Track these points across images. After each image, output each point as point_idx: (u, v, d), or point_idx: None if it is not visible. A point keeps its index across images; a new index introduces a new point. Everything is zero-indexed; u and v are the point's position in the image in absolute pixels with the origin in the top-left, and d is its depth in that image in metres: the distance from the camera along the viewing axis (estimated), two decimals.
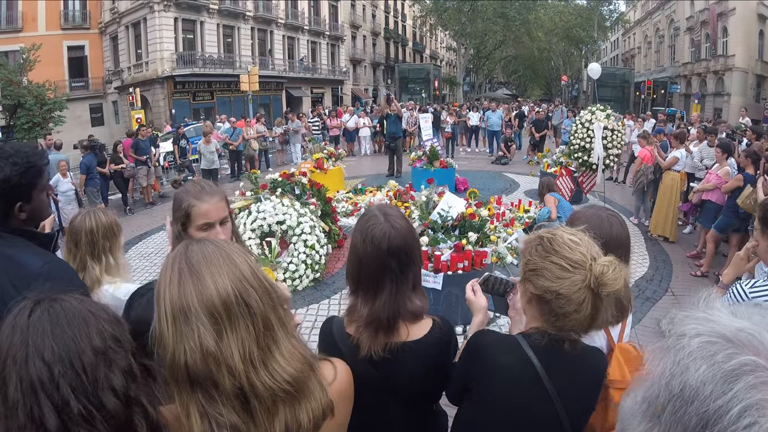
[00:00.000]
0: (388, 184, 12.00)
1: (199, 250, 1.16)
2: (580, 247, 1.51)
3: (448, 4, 43.17)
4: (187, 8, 30.63)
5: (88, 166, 11.36)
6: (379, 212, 1.76)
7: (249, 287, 1.14)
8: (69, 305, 1.05)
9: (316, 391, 1.21)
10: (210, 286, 1.10)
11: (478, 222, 6.18)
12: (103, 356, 1.02)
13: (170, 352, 1.08)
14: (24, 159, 1.84)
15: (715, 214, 7.58)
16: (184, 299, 1.08)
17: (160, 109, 30.14)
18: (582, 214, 2.13)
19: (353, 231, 1.78)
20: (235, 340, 1.10)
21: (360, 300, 1.74)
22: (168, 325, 1.09)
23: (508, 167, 17.06)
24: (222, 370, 1.08)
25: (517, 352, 1.57)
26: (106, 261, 2.65)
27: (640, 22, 54.67)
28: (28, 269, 1.78)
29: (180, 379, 1.09)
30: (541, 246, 1.56)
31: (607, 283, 1.44)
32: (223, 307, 1.09)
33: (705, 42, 38.87)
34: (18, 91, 22.09)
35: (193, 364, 1.07)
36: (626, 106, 31.66)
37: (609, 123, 10.57)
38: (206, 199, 2.03)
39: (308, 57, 42.06)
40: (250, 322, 1.12)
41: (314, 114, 22.62)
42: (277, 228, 7.16)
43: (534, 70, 65.88)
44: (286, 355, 1.17)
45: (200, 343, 1.07)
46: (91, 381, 0.98)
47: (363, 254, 1.71)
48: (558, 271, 1.49)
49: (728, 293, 2.43)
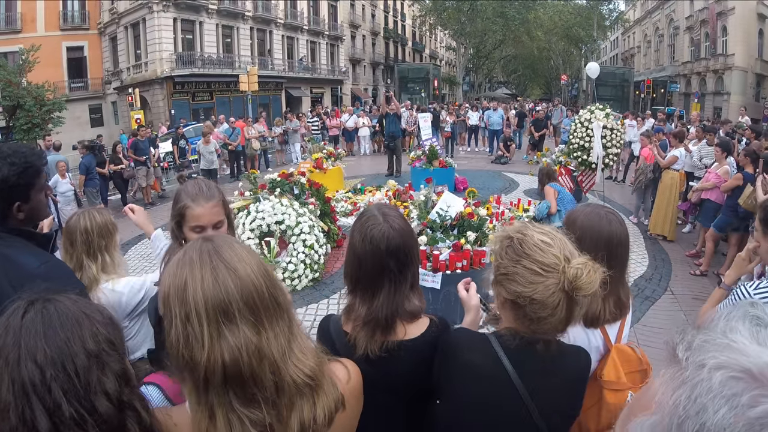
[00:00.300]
0: (388, 183, 12.00)
1: (227, 245, 1.15)
2: (552, 249, 1.45)
3: (447, 4, 43.18)
4: (186, 8, 30.64)
5: (87, 167, 11.37)
6: (377, 212, 1.76)
7: (275, 283, 1.15)
8: (63, 306, 1.03)
9: (328, 386, 1.22)
10: (247, 280, 1.09)
11: (476, 221, 6.17)
12: (96, 359, 1.00)
13: (206, 352, 1.05)
14: (22, 159, 1.85)
15: (714, 213, 7.57)
16: (223, 295, 1.06)
17: (160, 110, 30.16)
18: (580, 212, 2.10)
19: (351, 230, 1.78)
20: (272, 334, 1.11)
21: (358, 299, 1.74)
22: (203, 324, 1.05)
23: (508, 167, 17.05)
24: (264, 366, 1.08)
25: (487, 351, 1.53)
26: (102, 259, 2.67)
27: (640, 21, 54.69)
28: (25, 269, 1.79)
29: (214, 381, 1.06)
30: (512, 248, 1.50)
31: (581, 286, 1.39)
32: (261, 301, 1.10)
33: (705, 41, 38.91)
34: (17, 92, 22.11)
35: (233, 362, 1.05)
36: (626, 105, 31.64)
37: (608, 122, 10.55)
38: (201, 203, 2.06)
39: (307, 57, 42.09)
40: (280, 317, 1.14)
41: (313, 114, 22.64)
42: (276, 228, 7.16)
43: (534, 69, 65.94)
44: (303, 350, 1.18)
45: (244, 338, 1.06)
46: (83, 384, 0.97)
47: (362, 254, 1.70)
48: (530, 276, 1.44)
49: (732, 295, 2.41)
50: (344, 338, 1.73)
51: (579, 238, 1.91)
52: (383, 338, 1.68)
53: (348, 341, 1.71)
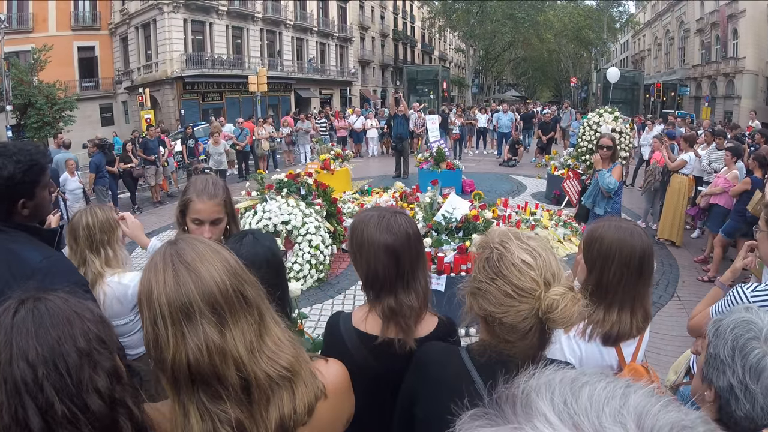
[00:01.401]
0: (395, 185, 11.99)
1: (190, 248, 1.16)
2: (531, 271, 1.34)
3: (457, 6, 43.08)
4: (196, 9, 30.82)
5: (97, 165, 11.45)
6: (390, 212, 1.81)
7: (242, 279, 1.16)
8: (53, 305, 1.05)
9: (306, 376, 1.23)
10: (209, 280, 1.10)
11: (482, 224, 6.17)
12: (87, 357, 1.01)
13: (171, 353, 1.07)
14: (27, 157, 1.90)
15: (722, 218, 7.52)
16: (184, 297, 1.08)
17: (170, 110, 30.36)
18: (606, 228, 2.00)
19: (364, 228, 1.78)
20: (238, 332, 1.11)
21: (372, 296, 1.78)
22: (167, 325, 1.08)
23: (516, 169, 17.02)
24: (228, 363, 1.09)
25: (457, 365, 1.48)
26: (105, 254, 2.73)
27: (650, 23, 54.40)
28: (28, 263, 1.84)
29: (181, 380, 1.09)
30: (489, 264, 1.40)
31: (555, 319, 1.29)
32: (224, 300, 1.11)
33: (715, 44, 38.65)
34: (29, 91, 22.34)
35: (196, 362, 1.07)
36: (636, 108, 31.50)
37: (617, 125, 10.53)
38: (204, 199, 2.23)
39: (317, 58, 42.18)
40: (248, 313, 1.14)
41: (321, 115, 22.69)
42: (282, 228, 7.18)
43: (543, 71, 65.68)
44: (278, 342, 1.19)
45: (205, 338, 1.07)
46: (75, 383, 0.98)
47: (377, 251, 1.72)
48: (503, 298, 1.35)
49: (728, 296, 2.38)
50: (353, 334, 1.75)
51: (606, 254, 1.93)
52: (396, 335, 1.72)
53: (357, 337, 1.74)
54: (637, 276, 1.93)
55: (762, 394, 1.23)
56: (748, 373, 1.26)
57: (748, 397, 1.26)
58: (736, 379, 1.28)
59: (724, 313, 2.29)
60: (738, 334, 1.32)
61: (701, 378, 1.44)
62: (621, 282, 1.92)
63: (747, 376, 1.26)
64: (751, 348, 1.28)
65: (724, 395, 1.32)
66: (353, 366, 1.56)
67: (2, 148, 1.90)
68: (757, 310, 1.36)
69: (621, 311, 1.94)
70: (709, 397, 1.38)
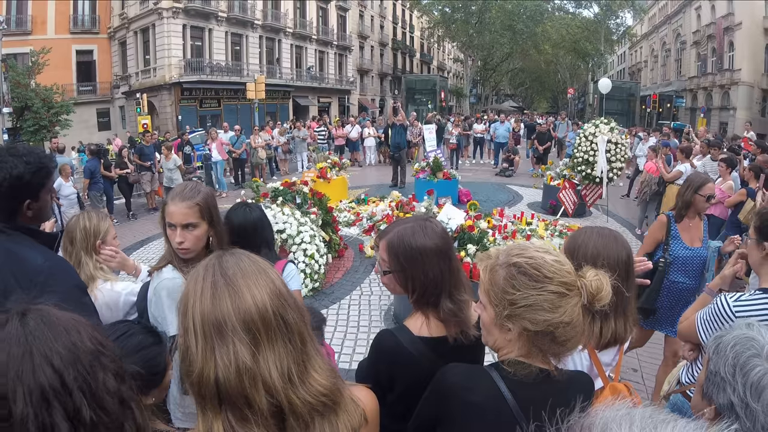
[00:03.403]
0: (391, 194, 11.98)
1: (235, 262, 1.13)
2: (566, 266, 1.40)
3: (455, 16, 43.37)
4: (195, 15, 30.86)
5: (92, 171, 11.40)
6: (422, 219, 1.85)
7: (285, 302, 1.12)
8: (56, 313, 1.03)
9: (348, 404, 1.20)
10: (248, 299, 1.07)
11: (477, 234, 6.15)
12: (98, 360, 1.01)
13: (199, 367, 1.05)
14: (36, 159, 1.95)
15: (717, 229, 7.53)
16: (219, 312, 1.05)
17: (167, 116, 30.34)
18: (588, 236, 2.08)
19: (411, 240, 1.77)
20: (273, 355, 1.07)
21: (431, 303, 1.78)
22: (198, 339, 1.05)
23: (512, 179, 17.04)
24: (258, 387, 1.05)
25: (488, 387, 1.43)
26: (96, 258, 2.73)
27: (647, 35, 54.82)
28: (30, 265, 1.85)
29: (207, 396, 1.06)
30: (526, 275, 1.37)
31: (602, 297, 1.37)
32: (262, 321, 1.07)
33: (711, 56, 38.93)
34: (26, 94, 22.30)
35: (225, 381, 1.04)
36: (632, 119, 31.66)
37: (613, 136, 10.55)
38: (176, 202, 2.20)
39: (316, 66, 42.27)
40: (288, 338, 1.10)
41: (320, 123, 22.71)
42: (277, 237, 7.14)
43: (541, 82, 66.14)
44: (319, 370, 1.16)
45: (235, 358, 1.04)
46: (94, 385, 0.97)
47: (431, 258, 1.75)
48: (557, 300, 1.35)
49: (713, 303, 2.34)
50: (422, 345, 1.74)
51: (593, 261, 1.91)
52: (458, 328, 1.76)
53: (425, 346, 1.74)
54: (625, 280, 1.96)
55: (763, 413, 1.20)
56: (749, 391, 1.23)
57: (749, 416, 1.23)
58: (737, 396, 1.25)
59: (708, 320, 2.31)
60: (739, 351, 1.29)
61: (701, 395, 1.41)
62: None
63: (748, 394, 1.23)
64: (752, 366, 1.25)
65: (725, 413, 1.29)
66: (423, 375, 1.61)
67: (12, 149, 1.95)
68: (758, 327, 1.33)
69: (616, 318, 1.99)
70: (709, 414, 1.35)
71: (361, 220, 10.36)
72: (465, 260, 5.76)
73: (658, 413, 0.60)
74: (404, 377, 1.73)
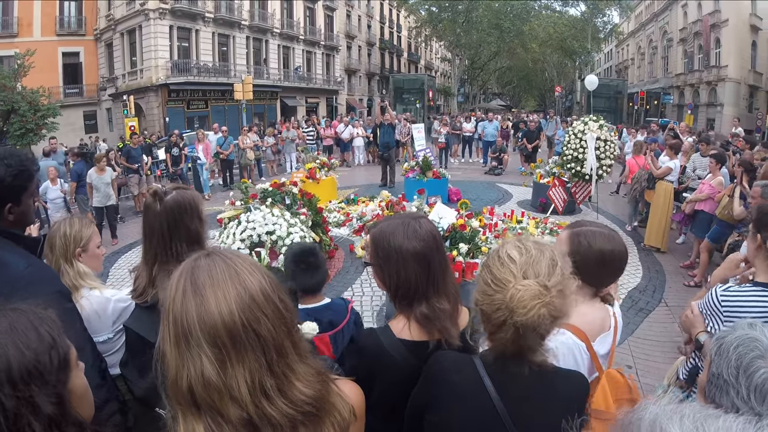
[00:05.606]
0: (381, 194, 11.94)
1: (207, 267, 1.06)
2: (512, 265, 1.37)
3: (443, 16, 43.43)
4: (182, 16, 30.64)
5: (79, 174, 11.22)
6: (413, 217, 1.80)
7: (260, 314, 1.03)
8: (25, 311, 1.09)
9: (337, 402, 1.16)
10: (213, 311, 1.00)
11: (468, 233, 6.13)
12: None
13: (173, 374, 1.01)
14: (18, 162, 1.89)
15: (708, 224, 7.56)
16: (186, 323, 1.00)
17: (154, 117, 30.11)
18: (590, 236, 2.05)
19: (390, 237, 1.73)
20: (242, 371, 1.00)
21: (405, 305, 1.76)
22: (171, 345, 1.01)
23: (501, 177, 17.06)
24: (225, 402, 0.99)
25: (470, 372, 1.48)
26: (77, 266, 2.64)
27: (634, 33, 55.19)
28: (12, 270, 1.80)
29: (184, 402, 1.01)
30: (488, 255, 1.49)
31: (515, 308, 1.30)
32: (228, 335, 1.00)
33: (698, 53, 39.25)
34: (11, 97, 21.95)
35: (196, 390, 0.99)
36: (619, 116, 31.86)
37: (602, 133, 10.58)
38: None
39: (303, 66, 42.15)
40: (261, 352, 1.03)
41: (309, 123, 22.62)
42: (267, 238, 7.08)
43: (528, 81, 66.30)
44: (302, 379, 1.09)
45: (202, 372, 0.98)
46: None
47: (407, 259, 1.70)
48: (483, 286, 1.41)
49: (707, 296, 2.35)
50: (401, 346, 1.71)
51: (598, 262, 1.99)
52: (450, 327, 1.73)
53: (405, 348, 1.71)
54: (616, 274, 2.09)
55: None
56: (754, 393, 1.18)
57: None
58: (741, 399, 1.20)
59: (702, 310, 2.31)
60: (742, 353, 1.24)
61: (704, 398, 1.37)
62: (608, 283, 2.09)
63: (752, 396, 1.18)
64: (756, 367, 1.20)
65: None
66: (402, 377, 1.63)
67: None
68: (761, 327, 1.29)
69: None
70: None
71: (351, 221, 10.31)
72: (458, 260, 5.73)
73: (707, 408, 0.63)
74: (383, 378, 1.71)
